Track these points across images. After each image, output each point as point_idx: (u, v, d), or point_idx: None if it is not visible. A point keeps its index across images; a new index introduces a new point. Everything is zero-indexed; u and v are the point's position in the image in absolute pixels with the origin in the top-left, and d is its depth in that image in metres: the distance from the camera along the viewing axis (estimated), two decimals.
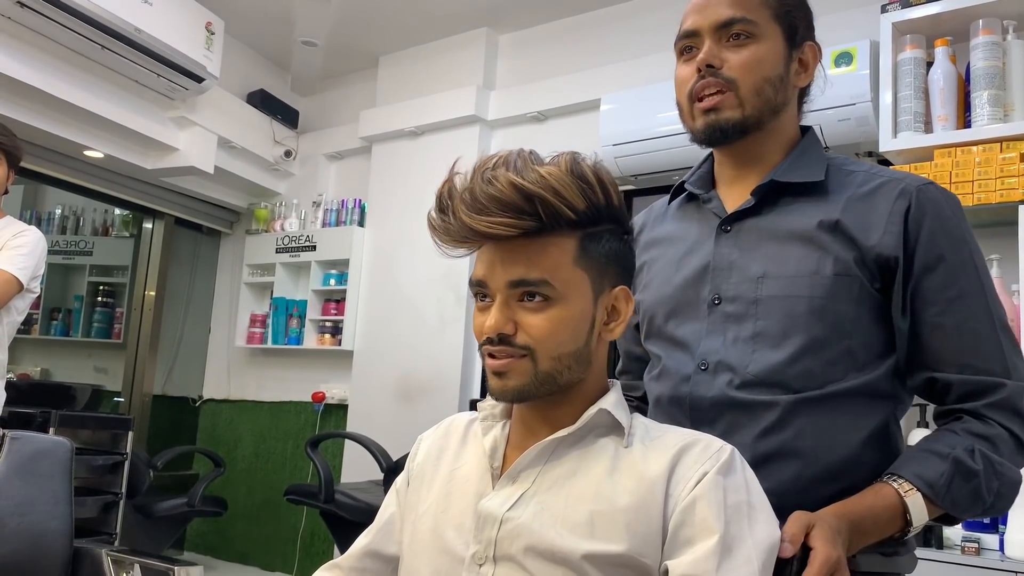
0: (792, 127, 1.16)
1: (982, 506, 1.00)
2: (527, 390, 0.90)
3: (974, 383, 1.02)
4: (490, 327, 0.90)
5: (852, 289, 1.04)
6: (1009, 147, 2.30)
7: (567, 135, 3.80)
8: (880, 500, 0.97)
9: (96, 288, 5.38)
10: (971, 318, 1.03)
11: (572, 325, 0.91)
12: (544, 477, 0.92)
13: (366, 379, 4.21)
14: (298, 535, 4.33)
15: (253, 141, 4.50)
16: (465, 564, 0.90)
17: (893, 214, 1.04)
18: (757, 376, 1.04)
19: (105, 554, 1.83)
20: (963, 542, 2.10)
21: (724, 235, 1.13)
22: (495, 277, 0.91)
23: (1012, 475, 1.00)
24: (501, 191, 0.86)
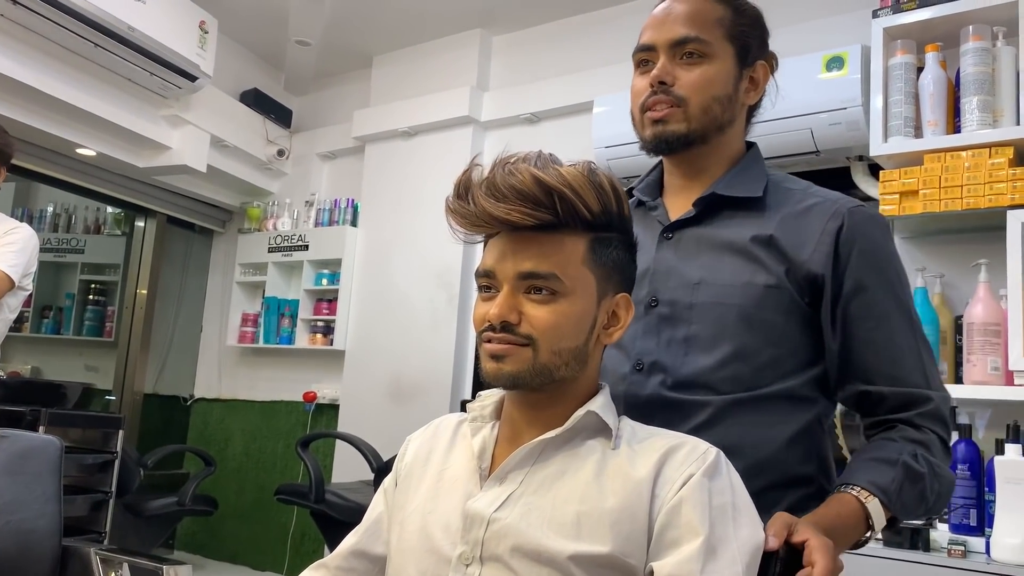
0: (737, 142, 1.22)
1: (925, 507, 1.07)
2: (522, 377, 0.92)
3: (905, 395, 1.09)
4: (494, 314, 0.91)
5: (781, 301, 1.10)
6: (998, 152, 2.31)
7: (560, 137, 3.81)
8: (845, 508, 1.00)
9: (87, 286, 5.37)
10: (898, 334, 1.10)
11: (574, 322, 0.93)
12: (532, 478, 0.93)
13: (357, 379, 4.21)
14: (288, 535, 4.32)
15: (246, 140, 4.50)
16: (452, 564, 0.91)
17: (825, 233, 1.10)
18: (688, 378, 1.09)
19: (94, 553, 1.83)
20: (949, 545, 2.11)
21: (666, 241, 1.18)
22: (505, 267, 0.93)
23: (948, 476, 1.08)
24: (522, 181, 0.90)
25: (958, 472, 2.23)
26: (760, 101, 1.23)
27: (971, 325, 2.30)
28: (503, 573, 0.88)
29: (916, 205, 2.41)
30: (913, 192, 2.42)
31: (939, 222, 2.49)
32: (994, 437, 2.22)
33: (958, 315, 2.44)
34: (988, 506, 2.17)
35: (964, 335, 2.34)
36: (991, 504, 2.14)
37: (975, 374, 2.28)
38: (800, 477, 1.11)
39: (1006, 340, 2.24)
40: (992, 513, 2.11)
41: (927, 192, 2.38)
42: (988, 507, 2.17)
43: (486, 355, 0.94)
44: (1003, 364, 2.25)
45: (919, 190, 2.40)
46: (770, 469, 1.08)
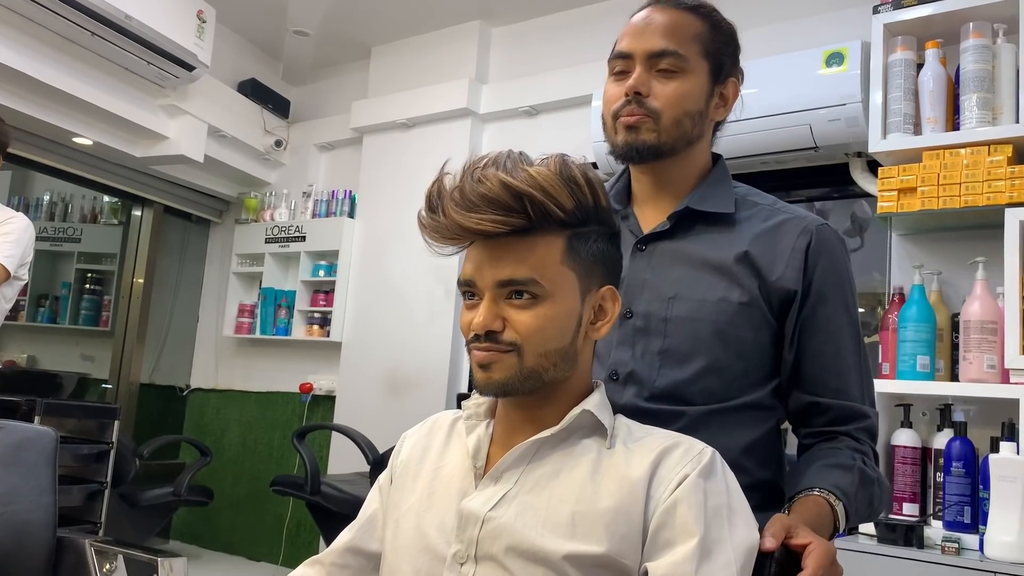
0: (704, 156, 1.24)
1: (870, 512, 1.13)
2: (511, 384, 0.91)
3: (847, 408, 1.15)
4: (478, 324, 0.91)
5: (753, 317, 1.13)
6: (997, 150, 2.31)
7: (559, 130, 3.80)
8: (819, 509, 1.04)
9: (84, 275, 5.36)
10: (844, 349, 1.16)
11: (559, 323, 0.92)
12: (527, 478, 0.92)
13: (354, 371, 4.21)
14: (284, 525, 4.33)
15: (243, 130, 4.48)
16: (446, 563, 0.91)
17: (796, 250, 1.15)
18: (663, 391, 1.12)
19: (89, 545, 1.82)
20: (943, 542, 2.11)
21: (639, 253, 1.20)
22: (483, 276, 0.92)
23: (887, 484, 1.19)
24: (490, 189, 0.88)
25: (953, 469, 2.24)
26: (726, 118, 1.26)
27: (968, 323, 2.31)
28: (498, 572, 0.88)
29: (914, 202, 2.40)
30: (911, 189, 2.41)
31: (937, 219, 2.49)
32: (988, 435, 2.23)
33: (955, 313, 2.44)
34: (982, 503, 2.17)
35: (961, 333, 2.34)
36: (985, 501, 2.14)
37: (971, 372, 2.28)
38: (762, 481, 1.14)
39: (1002, 338, 2.24)
40: (986, 511, 2.12)
41: (925, 189, 2.38)
42: (982, 504, 2.17)
43: (474, 364, 0.94)
44: (999, 362, 2.25)
45: (917, 187, 2.40)
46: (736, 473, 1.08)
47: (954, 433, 2.29)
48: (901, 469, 2.37)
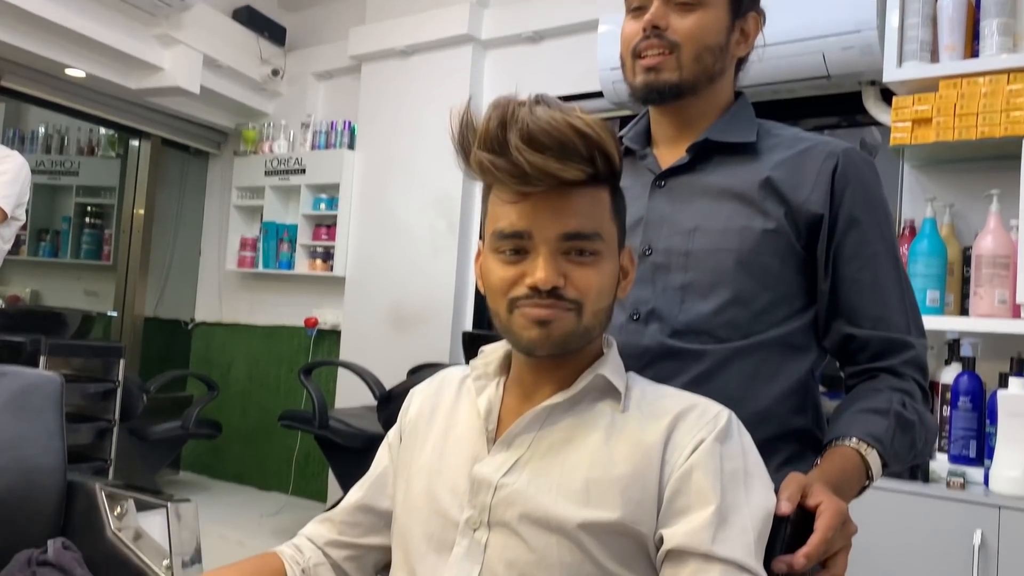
0: (727, 93, 1.20)
1: (914, 454, 1.09)
2: (570, 341, 0.89)
3: (888, 341, 1.10)
4: (543, 279, 0.85)
5: (779, 245, 1.09)
6: (1016, 78, 2.23)
7: (563, 57, 3.69)
8: (848, 462, 1.01)
9: (84, 209, 5.32)
10: (884, 275, 1.11)
11: (610, 281, 0.92)
12: (539, 443, 0.91)
13: (358, 306, 4.20)
14: (293, 456, 4.38)
15: (239, 60, 4.37)
16: (459, 528, 0.90)
17: (822, 173, 1.11)
18: (686, 325, 1.09)
19: (99, 488, 1.83)
20: (949, 476, 2.13)
21: (658, 190, 1.17)
22: (544, 228, 0.87)
23: (932, 423, 1.11)
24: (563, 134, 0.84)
25: (960, 404, 2.24)
26: (748, 55, 1.21)
27: (979, 257, 2.27)
28: (511, 539, 0.86)
29: (929, 133, 2.34)
30: (926, 120, 2.35)
31: (951, 151, 2.44)
32: (997, 370, 2.22)
33: (967, 246, 2.40)
34: (988, 438, 2.18)
35: (972, 267, 2.31)
36: (991, 437, 2.15)
37: (981, 307, 2.25)
38: (797, 430, 1.11)
39: (1015, 272, 2.21)
40: (992, 446, 2.12)
41: (941, 120, 2.32)
42: (988, 439, 2.18)
43: (528, 322, 0.88)
44: (1010, 297, 2.23)
45: (933, 118, 2.33)
46: (768, 422, 1.07)
47: (962, 368, 2.28)
48: None
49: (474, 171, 0.88)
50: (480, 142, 0.86)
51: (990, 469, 2.10)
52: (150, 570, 1.70)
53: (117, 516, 1.81)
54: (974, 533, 1.98)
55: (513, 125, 0.84)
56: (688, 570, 0.81)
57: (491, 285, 0.91)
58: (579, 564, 0.84)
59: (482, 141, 0.86)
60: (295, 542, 1.05)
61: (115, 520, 1.81)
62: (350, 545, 1.03)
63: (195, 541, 1.76)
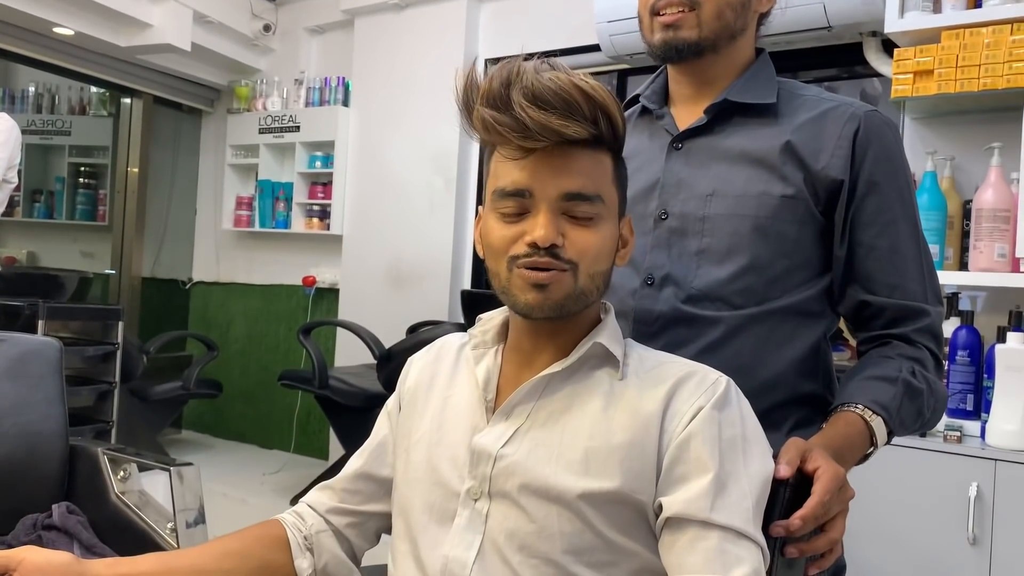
0: (748, 50, 1.16)
1: (921, 422, 1.07)
2: (567, 304, 0.88)
3: (903, 308, 1.08)
4: (542, 236, 0.85)
5: (797, 211, 1.07)
6: (1020, 29, 2.19)
7: (560, 10, 3.62)
8: (852, 428, 1.00)
9: (77, 169, 5.28)
10: (902, 242, 1.08)
11: (608, 245, 0.91)
12: (538, 413, 0.90)
13: (356, 264, 4.19)
14: (294, 414, 4.41)
15: (230, 15, 4.29)
16: (460, 498, 0.90)
17: (843, 137, 1.07)
18: (701, 291, 1.07)
19: (102, 453, 1.84)
20: (945, 430, 2.14)
21: (675, 152, 1.14)
22: (546, 187, 0.87)
23: (942, 391, 1.09)
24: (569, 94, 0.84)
25: (958, 357, 2.24)
26: (771, 9, 1.17)
27: (980, 211, 2.26)
28: (512, 510, 0.87)
29: (931, 86, 2.31)
30: (928, 72, 2.31)
31: (953, 103, 2.41)
32: (995, 324, 2.22)
33: (967, 200, 2.39)
34: (985, 392, 2.19)
35: (972, 221, 2.30)
36: (989, 390, 2.16)
37: (981, 261, 2.25)
38: (807, 395, 1.10)
39: (1015, 226, 2.20)
40: (989, 399, 2.13)
41: (943, 72, 2.28)
42: (985, 393, 2.18)
43: (526, 284, 0.87)
44: (1010, 251, 2.22)
45: (934, 69, 2.30)
46: (779, 387, 1.07)
47: (960, 322, 2.28)
48: None
49: (477, 129, 0.88)
50: (483, 99, 0.86)
51: (987, 423, 2.11)
52: (155, 532, 1.71)
53: (120, 479, 1.83)
54: (970, 486, 1.99)
55: (517, 83, 0.84)
56: (687, 537, 0.81)
57: (491, 245, 0.90)
58: (579, 533, 0.84)
59: (485, 98, 0.86)
60: (297, 509, 1.05)
61: (119, 483, 1.82)
62: (351, 512, 1.04)
63: (198, 503, 1.77)
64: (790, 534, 0.85)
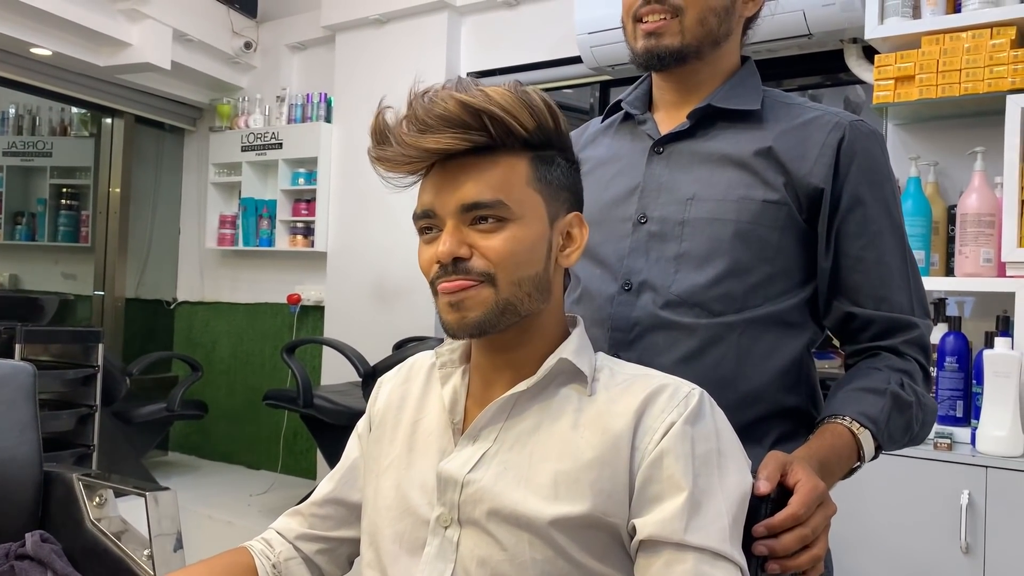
0: (733, 57, 1.15)
1: (910, 436, 1.05)
2: (488, 321, 0.85)
3: (891, 320, 1.06)
4: (443, 252, 0.83)
5: (779, 216, 1.05)
6: (999, 33, 2.19)
7: (540, 23, 3.61)
8: (838, 439, 0.98)
9: (59, 191, 5.23)
10: (888, 253, 1.06)
11: (529, 246, 0.86)
12: (506, 434, 0.87)
13: (341, 281, 4.16)
14: (281, 434, 4.36)
15: (210, 33, 4.26)
16: (430, 526, 0.87)
17: (826, 145, 1.06)
18: (679, 296, 1.05)
19: (76, 479, 1.80)
20: (936, 437, 2.11)
21: (656, 156, 1.12)
22: (444, 201, 0.85)
23: (932, 404, 1.07)
24: (446, 108, 0.82)
25: (946, 364, 2.22)
26: (758, 13, 1.15)
27: (964, 215, 2.25)
28: (483, 537, 0.83)
29: (912, 91, 2.30)
30: (909, 77, 2.31)
31: (935, 108, 2.40)
32: (983, 329, 2.20)
33: (951, 205, 2.38)
34: (975, 398, 2.17)
35: (957, 225, 2.28)
36: (978, 397, 2.13)
37: (967, 266, 2.23)
38: (790, 408, 1.08)
39: (1000, 231, 2.19)
40: (979, 406, 2.11)
41: (924, 77, 2.28)
42: (975, 399, 2.16)
43: (444, 305, 0.86)
44: (996, 255, 2.20)
45: (915, 75, 2.29)
46: (761, 401, 1.04)
47: (948, 328, 2.27)
48: None
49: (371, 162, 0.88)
50: (371, 136, 0.87)
51: (977, 429, 2.09)
52: (131, 559, 1.67)
53: (96, 506, 1.79)
54: (961, 494, 1.97)
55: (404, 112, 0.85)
56: (661, 561, 0.78)
57: (421, 269, 0.89)
58: (551, 561, 0.81)
59: (372, 135, 0.87)
60: (265, 536, 1.02)
61: (94, 510, 1.78)
62: (321, 538, 1.00)
63: (176, 528, 1.73)
64: (772, 551, 0.82)
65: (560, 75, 3.52)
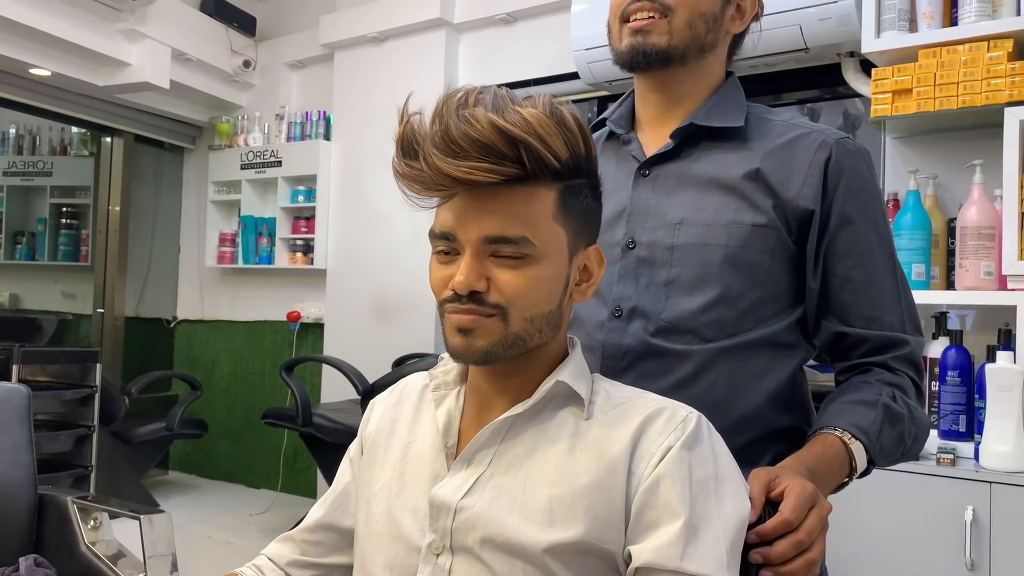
0: (718, 71, 1.14)
1: (902, 450, 1.03)
2: (495, 352, 0.83)
3: (883, 338, 1.05)
4: (460, 283, 0.81)
5: (768, 240, 1.04)
6: (996, 46, 2.19)
7: (538, 39, 3.62)
8: (829, 448, 0.96)
9: (59, 210, 5.23)
10: (878, 272, 1.05)
11: (547, 285, 0.84)
12: (501, 458, 0.86)
13: (341, 298, 4.15)
14: (281, 453, 4.34)
15: (209, 52, 4.28)
16: (422, 554, 0.85)
17: (813, 165, 1.04)
18: (671, 323, 1.03)
19: (71, 502, 1.79)
20: (938, 452, 2.09)
21: (642, 179, 1.10)
22: (468, 229, 0.81)
23: (924, 419, 1.06)
24: (481, 133, 0.77)
25: (948, 378, 2.20)
26: (744, 35, 1.15)
27: (964, 228, 2.23)
28: (475, 565, 0.82)
29: (909, 104, 2.30)
30: (906, 90, 2.30)
31: (933, 121, 2.39)
32: (985, 343, 2.18)
33: (951, 218, 2.36)
34: (978, 413, 2.15)
35: (957, 239, 2.27)
36: (981, 411, 2.11)
37: (967, 279, 2.22)
38: (785, 429, 1.06)
39: (1000, 243, 2.18)
40: (982, 420, 2.09)
41: (921, 90, 2.27)
42: (978, 414, 2.14)
43: (452, 328, 0.84)
44: (996, 268, 2.19)
45: (913, 88, 2.29)
46: (756, 423, 1.03)
47: (950, 342, 2.25)
48: None
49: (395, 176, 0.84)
50: (398, 146, 0.83)
51: (980, 444, 2.07)
52: None
53: (91, 529, 1.77)
54: (965, 510, 1.95)
55: (435, 126, 0.80)
56: None
57: (431, 285, 0.87)
58: None
59: (399, 145, 0.83)
60: (256, 563, 1.00)
61: (89, 533, 1.76)
62: (313, 565, 0.99)
63: (171, 550, 1.71)
64: (767, 559, 0.80)
65: (557, 91, 3.52)
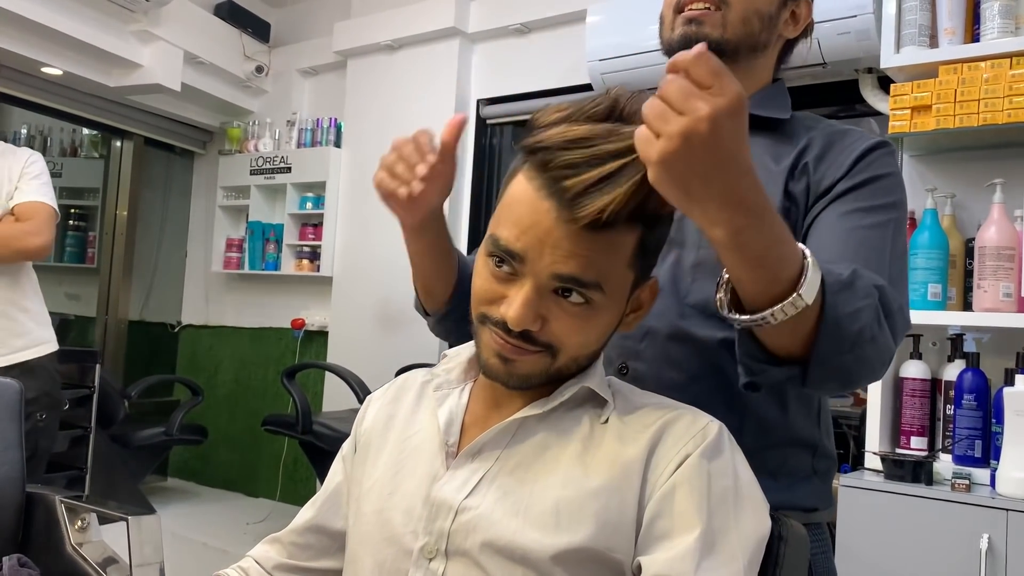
0: (766, 74, 1.13)
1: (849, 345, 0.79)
2: (534, 379, 0.80)
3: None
4: (515, 320, 0.75)
5: (794, 221, 1.01)
6: (1019, 63, 2.14)
7: (551, 50, 3.60)
8: (789, 236, 0.75)
9: (67, 211, 5.20)
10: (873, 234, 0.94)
11: (602, 331, 0.81)
12: (509, 456, 0.81)
13: (346, 306, 4.11)
14: (280, 461, 4.29)
15: (222, 56, 4.27)
16: (413, 558, 0.79)
17: (847, 153, 1.02)
18: (696, 306, 1.00)
19: (59, 501, 1.74)
20: (953, 478, 2.03)
21: None
22: (540, 259, 0.75)
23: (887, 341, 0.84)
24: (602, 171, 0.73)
25: (964, 402, 2.14)
26: (796, 41, 1.14)
27: (983, 249, 2.18)
28: (472, 571, 0.77)
29: (929, 121, 2.25)
30: (926, 107, 2.25)
31: (952, 139, 2.34)
32: (1003, 366, 2.13)
33: (969, 238, 2.31)
34: (994, 438, 2.08)
35: (975, 259, 2.21)
36: (997, 436, 2.05)
37: (986, 301, 2.16)
38: (803, 438, 1.02)
39: (1020, 265, 2.12)
40: (998, 445, 2.03)
41: (941, 107, 2.22)
42: (994, 439, 2.08)
43: (490, 351, 0.79)
44: (1016, 290, 2.13)
45: (932, 104, 2.24)
46: (774, 430, 0.99)
47: (966, 364, 2.19)
48: (909, 402, 2.27)
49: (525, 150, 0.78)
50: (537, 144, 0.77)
51: (996, 470, 2.00)
52: None
53: (78, 530, 1.72)
54: (981, 537, 1.89)
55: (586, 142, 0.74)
56: None
57: (474, 286, 0.81)
58: None
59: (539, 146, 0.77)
60: (242, 564, 0.96)
61: (76, 534, 1.71)
62: (300, 569, 0.94)
63: (159, 555, 1.66)
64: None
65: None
